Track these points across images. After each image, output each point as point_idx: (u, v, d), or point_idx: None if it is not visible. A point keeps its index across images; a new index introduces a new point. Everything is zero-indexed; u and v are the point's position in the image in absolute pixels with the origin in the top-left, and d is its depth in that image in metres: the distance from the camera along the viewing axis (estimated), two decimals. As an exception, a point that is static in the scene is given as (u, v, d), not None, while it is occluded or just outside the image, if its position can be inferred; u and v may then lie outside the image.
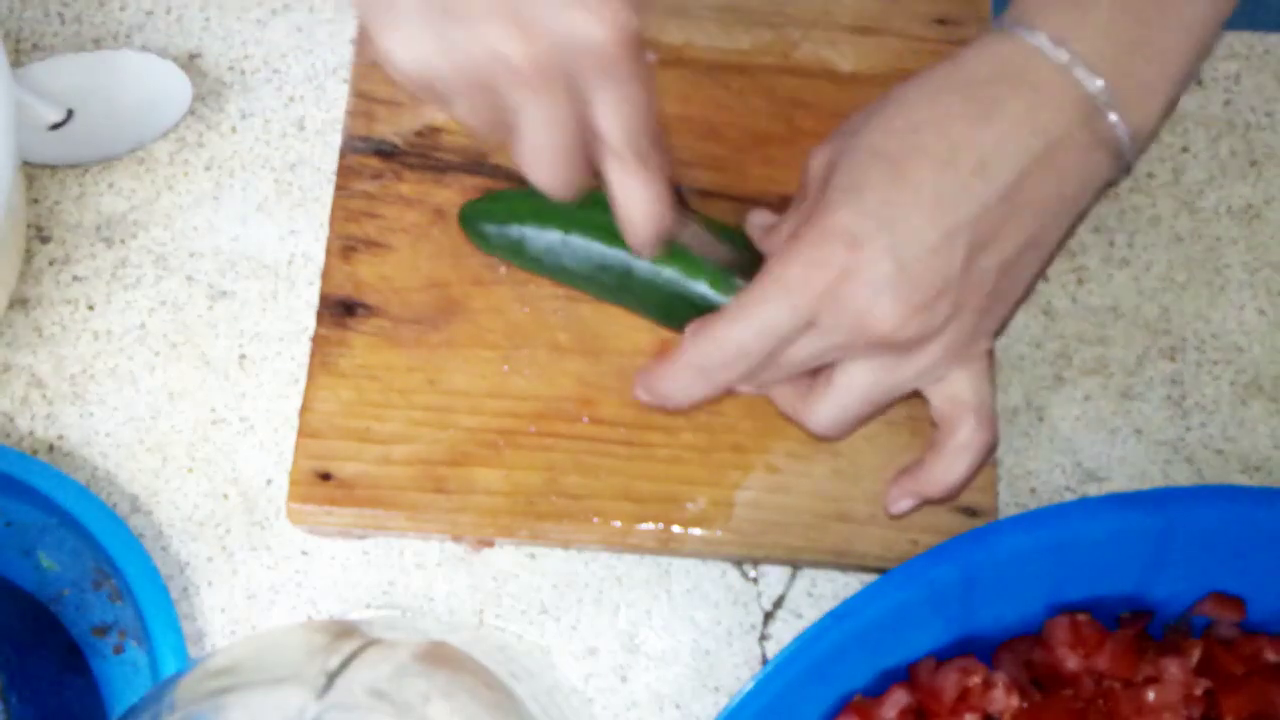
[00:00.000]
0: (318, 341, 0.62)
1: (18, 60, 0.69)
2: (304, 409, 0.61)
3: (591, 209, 0.54)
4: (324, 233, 0.65)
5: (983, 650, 0.54)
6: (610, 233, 0.54)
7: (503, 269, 0.63)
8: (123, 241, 0.66)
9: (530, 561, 0.62)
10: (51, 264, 0.66)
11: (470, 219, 0.61)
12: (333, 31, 0.69)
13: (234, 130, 0.68)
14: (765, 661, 0.60)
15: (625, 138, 0.45)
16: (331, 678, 0.46)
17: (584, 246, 0.58)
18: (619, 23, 0.41)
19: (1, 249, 0.61)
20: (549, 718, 0.53)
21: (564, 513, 0.59)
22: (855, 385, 0.51)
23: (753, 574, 0.62)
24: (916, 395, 0.61)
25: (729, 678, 0.60)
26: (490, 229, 0.60)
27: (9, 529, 0.62)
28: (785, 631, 0.61)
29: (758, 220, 0.58)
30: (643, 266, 0.57)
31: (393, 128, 0.65)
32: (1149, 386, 0.64)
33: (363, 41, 0.66)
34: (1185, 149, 0.67)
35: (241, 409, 0.64)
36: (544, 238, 0.59)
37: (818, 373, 0.52)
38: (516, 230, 0.59)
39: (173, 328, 0.65)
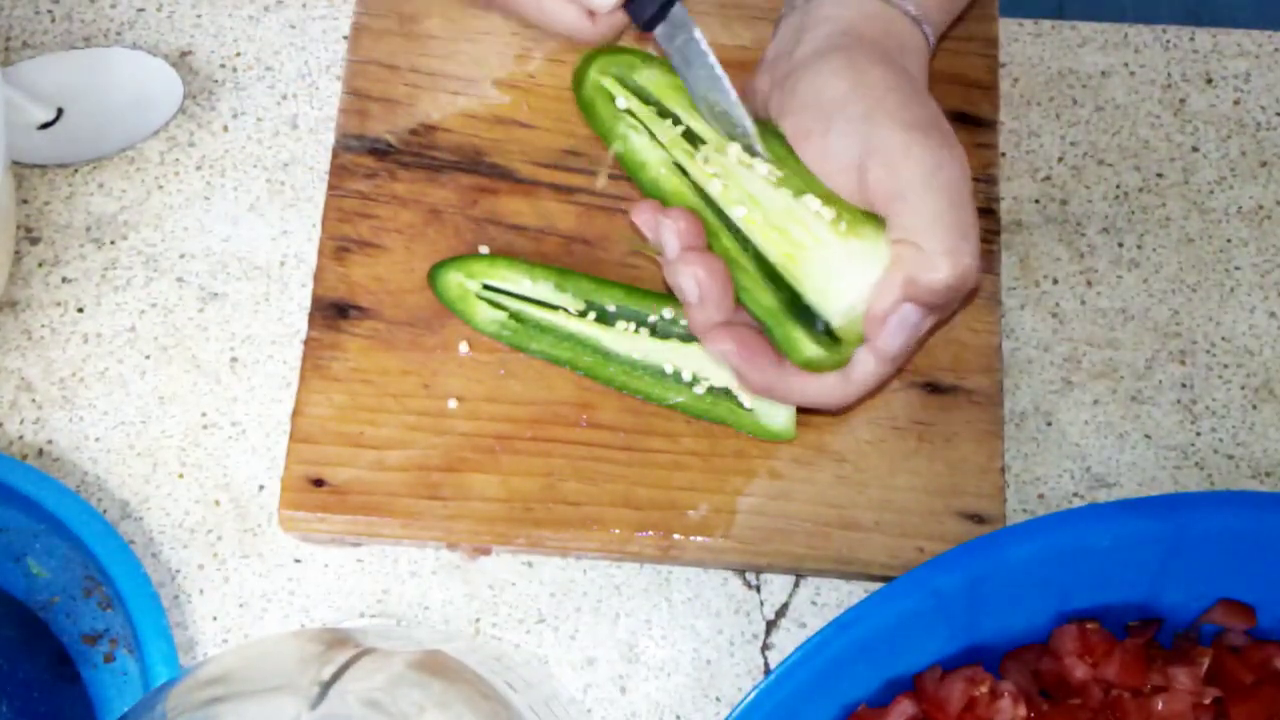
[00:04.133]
0: (310, 344, 0.61)
1: (7, 58, 0.68)
2: (296, 413, 0.60)
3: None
4: (317, 233, 0.64)
5: (990, 659, 0.54)
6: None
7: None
8: (112, 242, 0.65)
9: (527, 569, 0.61)
10: (41, 265, 0.65)
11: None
12: (325, 28, 0.69)
13: (225, 129, 0.67)
14: (768, 671, 0.60)
15: None
16: (325, 687, 0.46)
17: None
18: None
19: (-12, 250, 0.61)
20: (546, 729, 0.52)
21: (562, 520, 0.59)
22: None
23: (755, 582, 0.61)
24: (922, 400, 0.60)
25: (730, 688, 0.60)
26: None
27: (-3, 535, 0.61)
28: (788, 641, 0.60)
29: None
30: None
31: (387, 126, 0.64)
32: (1159, 390, 0.63)
33: (356, 38, 0.65)
34: (1195, 149, 0.67)
35: (233, 413, 0.63)
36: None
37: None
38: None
39: (163, 330, 0.64)
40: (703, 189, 0.57)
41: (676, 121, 0.58)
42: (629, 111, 0.59)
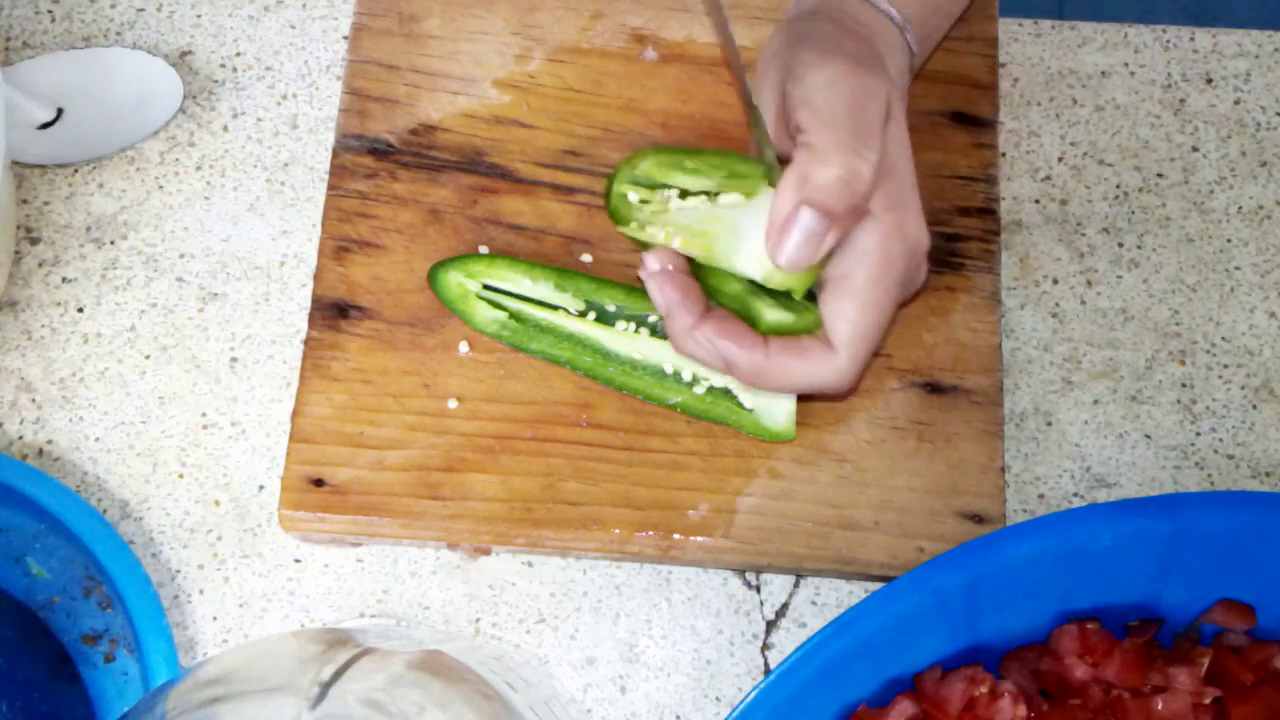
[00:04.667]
0: (310, 344, 0.61)
1: (7, 58, 0.68)
2: (296, 413, 0.60)
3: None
4: (317, 233, 0.64)
5: (990, 659, 0.54)
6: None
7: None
8: (112, 242, 0.65)
9: (527, 569, 0.61)
10: (41, 265, 0.65)
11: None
12: (325, 28, 0.69)
13: (225, 129, 0.67)
14: (768, 671, 0.60)
15: None
16: (325, 687, 0.46)
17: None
18: None
19: (-12, 250, 0.61)
20: (546, 729, 0.52)
21: (562, 520, 0.59)
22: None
23: (755, 582, 0.61)
24: (922, 400, 0.60)
25: (730, 688, 0.60)
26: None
27: (-4, 535, 0.61)
28: (788, 641, 0.60)
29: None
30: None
31: (387, 126, 0.64)
32: (1159, 390, 0.63)
33: (356, 37, 0.65)
34: (1195, 149, 0.66)
35: (233, 413, 0.63)
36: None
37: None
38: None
39: (163, 330, 0.64)
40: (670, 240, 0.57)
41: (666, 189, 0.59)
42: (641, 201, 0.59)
